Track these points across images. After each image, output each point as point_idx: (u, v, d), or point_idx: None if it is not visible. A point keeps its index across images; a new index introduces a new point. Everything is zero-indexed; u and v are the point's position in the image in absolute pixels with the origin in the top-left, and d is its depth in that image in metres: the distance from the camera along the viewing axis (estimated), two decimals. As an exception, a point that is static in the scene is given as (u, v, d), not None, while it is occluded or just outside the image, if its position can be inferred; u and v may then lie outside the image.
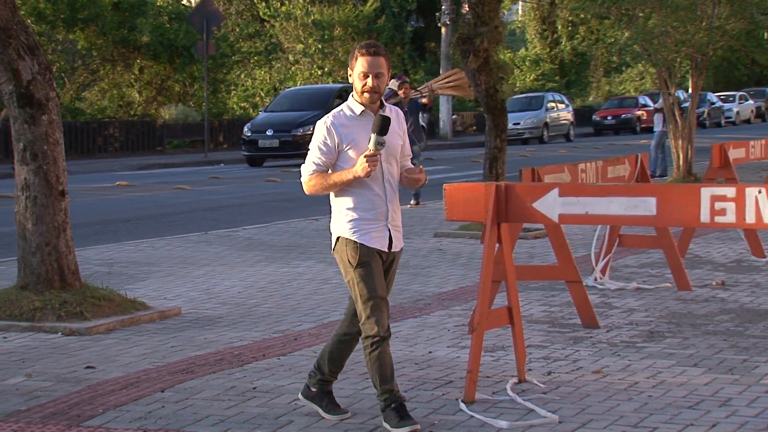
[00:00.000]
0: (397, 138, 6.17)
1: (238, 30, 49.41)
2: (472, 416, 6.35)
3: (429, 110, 19.19)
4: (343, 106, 6.17)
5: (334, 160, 6.10)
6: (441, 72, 43.27)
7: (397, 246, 6.20)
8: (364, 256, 6.05)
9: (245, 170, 30.94)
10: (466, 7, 16.32)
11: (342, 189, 6.08)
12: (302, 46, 48.22)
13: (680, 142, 22.00)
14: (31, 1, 39.71)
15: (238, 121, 44.02)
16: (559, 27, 62.83)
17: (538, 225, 12.65)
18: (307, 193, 6.22)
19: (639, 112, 50.90)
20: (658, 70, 22.37)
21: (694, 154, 22.59)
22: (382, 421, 6.15)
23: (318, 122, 6.15)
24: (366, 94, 6.05)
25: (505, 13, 62.53)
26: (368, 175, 5.98)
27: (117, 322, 9.16)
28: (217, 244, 14.30)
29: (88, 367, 7.75)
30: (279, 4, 49.49)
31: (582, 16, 47.10)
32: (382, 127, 5.95)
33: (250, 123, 34.16)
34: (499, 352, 7.89)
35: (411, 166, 6.33)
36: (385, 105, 6.16)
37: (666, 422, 6.18)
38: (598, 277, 10.62)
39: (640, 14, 22.21)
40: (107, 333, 8.94)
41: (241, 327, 9.09)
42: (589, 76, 65.07)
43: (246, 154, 33.30)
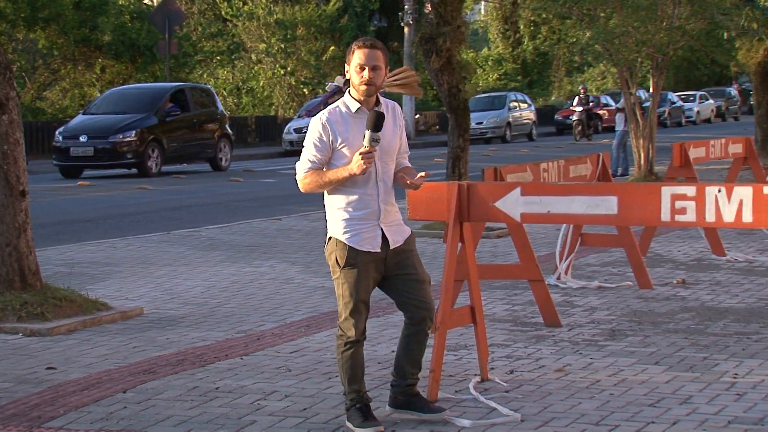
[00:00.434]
0: (393, 136, 6.12)
1: (200, 29, 49.23)
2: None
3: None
4: (339, 103, 6.12)
5: (329, 158, 6.04)
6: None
7: (397, 241, 6.12)
8: (352, 259, 6.02)
9: (208, 169, 30.81)
10: (429, 7, 16.34)
11: (335, 187, 6.04)
12: (265, 45, 48.08)
13: (641, 141, 22.11)
14: (-9, 0, 39.45)
15: (200, 120, 43.87)
16: (522, 27, 63.06)
17: (501, 224, 12.69)
18: (303, 191, 6.17)
19: (601, 112, 51.15)
20: (620, 70, 22.48)
21: (655, 154, 22.72)
22: (346, 420, 6.15)
23: (313, 119, 6.10)
24: (363, 87, 5.98)
25: (468, 12, 62.71)
26: (364, 172, 5.92)
27: (78, 322, 9.11)
28: (179, 244, 14.25)
29: (49, 368, 7.71)
30: (241, 4, 49.33)
31: (544, 16, 47.30)
32: (377, 124, 5.89)
33: (62, 127, 29.43)
34: (462, 351, 7.91)
35: (408, 165, 6.26)
36: (382, 101, 6.10)
37: (627, 420, 6.21)
38: (561, 276, 10.67)
39: (602, 14, 22.31)
40: (68, 334, 8.89)
41: (203, 327, 9.06)
42: (551, 75, 65.36)
43: (57, 164, 28.34)
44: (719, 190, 6.65)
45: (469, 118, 15.74)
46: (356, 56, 6.00)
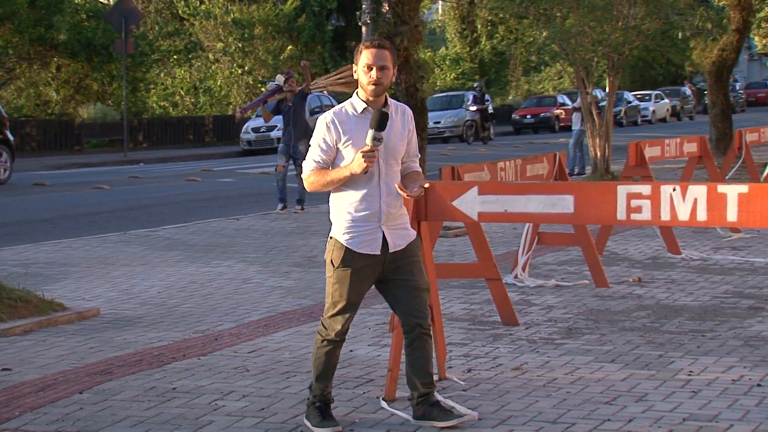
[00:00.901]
0: (399, 138, 6.06)
1: (157, 28, 48.98)
2: (393, 414, 6.37)
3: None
4: (346, 103, 6.09)
5: (333, 157, 6.02)
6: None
7: (398, 245, 6.06)
8: (347, 261, 5.99)
9: (166, 169, 30.69)
10: (386, 7, 16.36)
11: (338, 187, 6.01)
12: (222, 44, 47.93)
13: (598, 140, 22.24)
14: (-56, -1, 39.07)
15: (157, 120, 43.70)
16: (479, 26, 63.16)
17: (459, 223, 12.71)
18: (308, 190, 6.15)
19: (558, 111, 51.38)
20: (576, 70, 22.58)
21: (612, 153, 22.84)
22: (305, 418, 6.15)
23: (319, 118, 6.08)
24: (371, 87, 5.95)
25: (425, 12, 62.78)
26: (365, 171, 5.87)
27: (34, 323, 9.05)
28: (136, 244, 14.18)
29: (4, 369, 7.65)
30: (198, 3, 49.13)
31: (501, 15, 47.45)
32: (380, 123, 5.84)
33: None
34: (420, 350, 7.91)
35: (417, 169, 6.21)
36: (391, 103, 6.05)
37: (584, 418, 6.25)
38: (518, 275, 10.71)
39: (558, 14, 22.41)
40: (24, 334, 8.82)
41: (160, 327, 9.03)
42: (508, 75, 65.52)
43: None
44: (674, 189, 6.70)
45: (427, 118, 15.77)
46: (364, 56, 5.97)
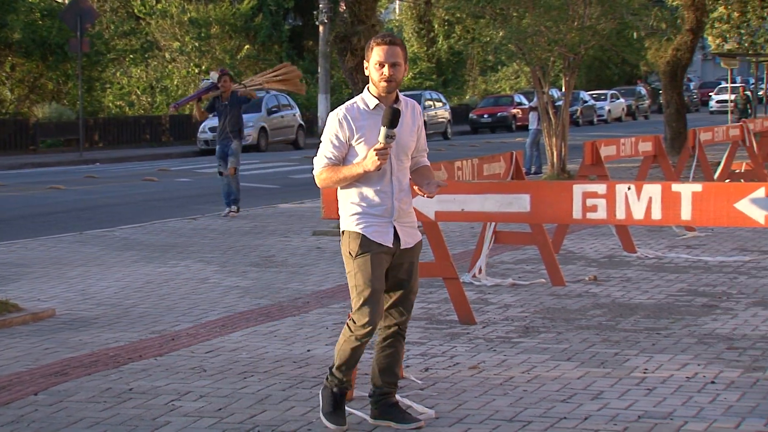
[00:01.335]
0: (410, 134, 6.04)
1: (112, 27, 48.65)
2: (351, 413, 6.37)
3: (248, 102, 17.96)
4: (357, 99, 6.04)
5: (345, 154, 5.98)
6: (319, 70, 43.13)
7: (408, 242, 6.06)
8: (365, 246, 5.95)
9: (122, 169, 30.52)
10: (343, 6, 16.35)
11: (350, 183, 5.98)
12: (179, 44, 47.72)
13: (554, 140, 22.34)
14: None
15: (114, 119, 43.42)
16: (436, 26, 63.27)
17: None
18: (319, 186, 6.13)
19: (514, 111, 51.57)
20: (532, 69, 22.69)
21: (568, 152, 22.97)
22: (320, 392, 6.17)
23: (330, 114, 6.02)
24: (383, 84, 5.89)
25: (382, 12, 62.76)
26: (378, 168, 5.85)
27: (-12, 324, 8.97)
28: (92, 244, 14.10)
29: (-42, 372, 7.59)
30: (154, 2, 48.89)
31: (458, 15, 47.50)
32: (393, 120, 5.80)
33: None
34: (377, 350, 7.92)
35: (426, 164, 6.21)
36: (401, 99, 6.01)
37: (540, 416, 6.28)
38: (476, 274, 10.75)
39: (514, 14, 22.50)
40: (-22, 336, 8.75)
41: (117, 328, 8.98)
42: (465, 74, 65.67)
43: None
44: (629, 188, 6.76)
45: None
46: (375, 53, 5.91)
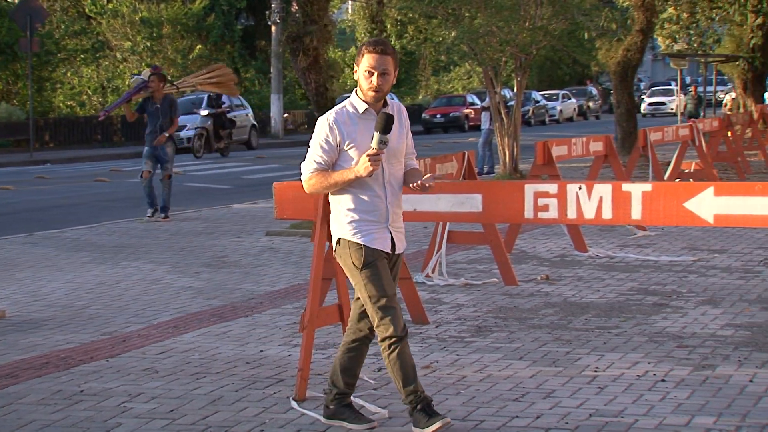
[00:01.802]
0: (399, 137, 5.99)
1: (63, 27, 48.27)
2: (304, 414, 6.38)
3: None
4: (346, 103, 5.96)
5: (335, 159, 5.90)
6: (271, 71, 43.09)
7: (400, 248, 6.03)
8: (369, 257, 5.88)
9: (73, 169, 30.29)
10: (296, 6, 16.33)
11: (341, 189, 5.91)
12: (130, 44, 47.42)
13: (506, 139, 22.43)
14: None
15: (64, 119, 43.06)
16: (388, 26, 63.29)
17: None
18: (308, 192, 6.02)
19: (467, 111, 51.73)
20: (484, 69, 22.75)
21: (520, 152, 23.06)
22: (412, 426, 5.95)
23: (319, 119, 5.94)
24: (371, 93, 5.84)
25: (335, 12, 62.69)
26: (370, 174, 5.78)
27: (-63, 327, 8.88)
28: (42, 245, 13.99)
29: None
30: (105, 1, 48.56)
31: (410, 15, 47.57)
32: (386, 126, 5.76)
33: None
34: (330, 350, 7.93)
35: (415, 166, 6.15)
36: (388, 102, 5.96)
37: (492, 415, 6.31)
38: (430, 273, 10.77)
39: (466, 14, 22.55)
40: (-73, 339, 8.66)
41: (68, 329, 8.92)
42: (418, 74, 65.75)
43: None
44: (580, 188, 6.80)
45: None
46: (365, 60, 5.84)
